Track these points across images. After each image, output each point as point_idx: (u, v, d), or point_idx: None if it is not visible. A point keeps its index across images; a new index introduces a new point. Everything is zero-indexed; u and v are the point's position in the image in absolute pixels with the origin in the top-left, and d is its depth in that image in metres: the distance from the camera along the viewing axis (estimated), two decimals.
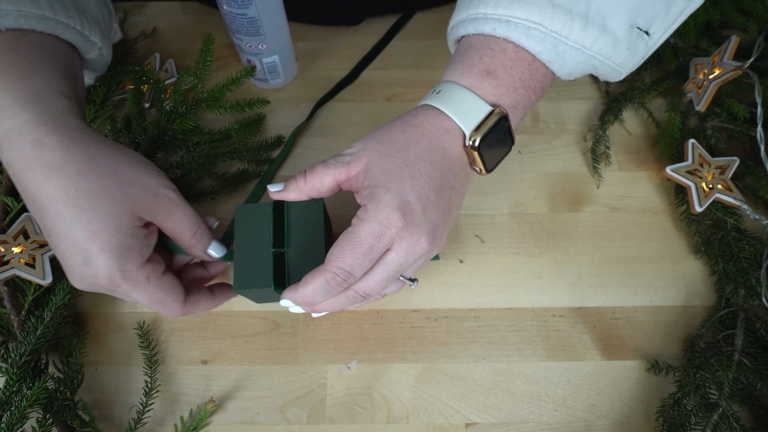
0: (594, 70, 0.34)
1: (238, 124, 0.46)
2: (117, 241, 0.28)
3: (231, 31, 0.44)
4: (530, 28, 0.30)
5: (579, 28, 0.30)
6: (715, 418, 0.35)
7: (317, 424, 0.36)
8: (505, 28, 0.31)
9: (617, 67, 0.33)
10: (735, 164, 0.43)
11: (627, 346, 0.39)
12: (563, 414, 0.37)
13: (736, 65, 0.43)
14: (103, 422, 0.36)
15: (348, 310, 0.40)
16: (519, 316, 0.40)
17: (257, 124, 0.47)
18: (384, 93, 0.50)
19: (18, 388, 0.34)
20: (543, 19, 0.30)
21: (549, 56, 0.31)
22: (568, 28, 0.30)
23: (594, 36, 0.30)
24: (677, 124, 0.46)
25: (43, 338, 0.35)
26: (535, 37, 0.31)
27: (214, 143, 0.44)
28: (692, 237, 0.43)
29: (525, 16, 0.30)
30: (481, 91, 0.32)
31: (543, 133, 0.48)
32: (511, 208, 0.44)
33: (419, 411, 0.37)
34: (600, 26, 0.30)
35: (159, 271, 0.31)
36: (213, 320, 0.40)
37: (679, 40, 0.50)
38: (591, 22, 0.30)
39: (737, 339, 0.37)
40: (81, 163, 0.28)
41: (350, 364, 0.38)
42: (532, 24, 0.30)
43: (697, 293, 0.41)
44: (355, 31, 0.55)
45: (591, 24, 0.30)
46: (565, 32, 0.30)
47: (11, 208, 0.40)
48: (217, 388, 0.38)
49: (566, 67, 0.32)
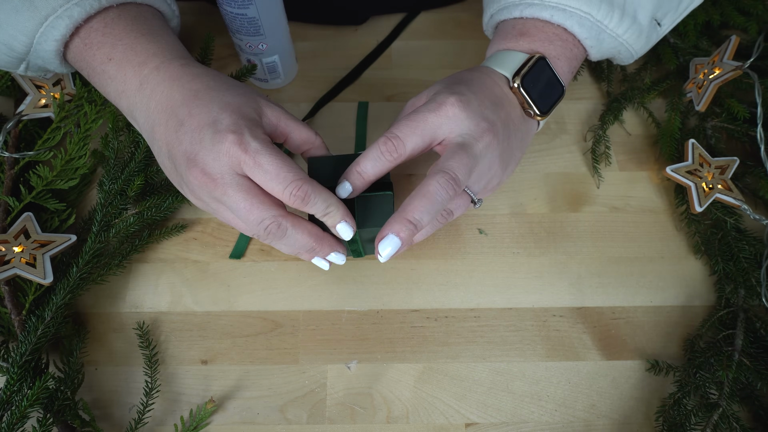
0: (616, 54, 0.39)
1: None
2: (246, 113, 0.30)
3: (231, 31, 0.44)
4: (582, 17, 0.35)
5: (617, 18, 0.35)
6: (715, 418, 0.35)
7: (317, 424, 0.36)
8: (561, 16, 0.35)
9: (634, 53, 0.38)
10: (735, 164, 0.43)
11: (627, 346, 0.39)
12: (563, 414, 0.37)
13: (736, 65, 0.43)
14: (103, 422, 0.36)
15: (348, 310, 0.40)
16: (519, 316, 0.40)
17: None
18: (384, 93, 0.50)
19: (18, 387, 0.34)
20: (591, 9, 0.35)
21: (591, 41, 0.36)
22: (609, 18, 0.35)
23: (626, 26, 0.36)
24: (677, 124, 0.46)
25: (43, 338, 0.35)
26: (585, 26, 0.35)
27: None
28: (692, 237, 0.43)
29: (578, 5, 0.35)
30: (516, 47, 0.36)
31: (543, 133, 0.48)
32: (511, 208, 0.44)
33: (419, 411, 0.37)
34: (632, 18, 0.35)
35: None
36: (213, 320, 0.40)
37: (679, 40, 0.50)
38: (626, 14, 0.35)
39: (737, 339, 0.37)
40: (219, 76, 0.33)
41: (350, 364, 0.38)
42: (583, 13, 0.35)
43: (697, 293, 0.41)
44: (356, 31, 0.55)
45: (626, 16, 0.35)
46: (606, 21, 0.35)
47: (12, 208, 0.40)
48: (217, 388, 0.38)
49: (600, 52, 0.38)
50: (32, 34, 0.32)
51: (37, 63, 0.35)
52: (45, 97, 0.44)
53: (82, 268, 0.38)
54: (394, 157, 0.31)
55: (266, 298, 0.41)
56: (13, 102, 0.47)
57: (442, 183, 0.30)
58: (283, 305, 0.40)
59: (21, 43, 0.33)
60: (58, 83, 0.45)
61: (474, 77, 0.34)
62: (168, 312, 0.40)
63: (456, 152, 0.31)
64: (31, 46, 0.33)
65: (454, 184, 0.30)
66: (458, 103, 0.31)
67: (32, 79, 0.44)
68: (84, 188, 0.44)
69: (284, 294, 0.41)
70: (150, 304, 0.40)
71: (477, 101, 0.32)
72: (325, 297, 0.41)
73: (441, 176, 0.30)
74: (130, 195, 0.41)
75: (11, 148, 0.43)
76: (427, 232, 0.35)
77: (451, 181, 0.30)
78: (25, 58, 0.34)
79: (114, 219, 0.41)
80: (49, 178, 0.41)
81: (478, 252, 0.42)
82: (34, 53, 0.34)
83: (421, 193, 0.30)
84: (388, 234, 0.30)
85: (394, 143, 0.31)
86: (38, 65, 0.35)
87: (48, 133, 0.43)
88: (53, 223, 0.41)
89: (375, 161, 0.31)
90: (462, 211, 0.35)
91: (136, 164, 0.42)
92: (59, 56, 0.34)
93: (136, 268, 0.42)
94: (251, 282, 0.41)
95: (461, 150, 0.31)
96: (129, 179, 0.41)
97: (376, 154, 0.31)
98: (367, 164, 0.31)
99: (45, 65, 0.35)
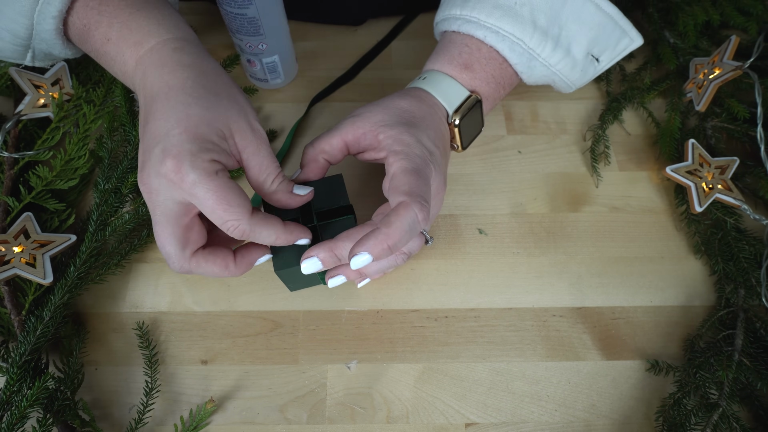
0: (552, 83, 0.41)
1: None
2: (202, 133, 0.28)
3: (231, 31, 0.44)
4: (514, 42, 0.36)
5: (550, 48, 0.37)
6: (715, 418, 0.35)
7: (317, 424, 0.36)
8: (494, 38, 0.37)
9: (570, 84, 0.40)
10: (735, 164, 0.43)
11: (627, 346, 0.39)
12: (563, 414, 0.37)
13: (736, 65, 0.43)
14: (103, 422, 0.36)
15: (348, 310, 0.40)
16: (519, 316, 0.40)
17: None
18: (384, 93, 0.50)
19: (18, 387, 0.34)
20: (524, 36, 0.36)
21: (522, 67, 0.38)
22: (541, 47, 0.37)
23: (559, 57, 0.37)
24: (677, 124, 0.46)
25: (43, 338, 0.35)
26: (515, 51, 0.37)
27: None
28: (692, 237, 0.43)
29: (511, 30, 0.36)
30: (460, 79, 0.38)
31: (543, 133, 0.48)
32: (511, 208, 0.44)
33: (419, 411, 0.37)
34: (565, 50, 0.37)
35: (227, 175, 0.29)
36: (213, 320, 0.40)
37: (679, 40, 0.50)
38: (559, 46, 0.37)
39: (737, 339, 0.37)
40: (207, 68, 0.31)
41: (350, 364, 0.38)
42: (516, 39, 0.36)
43: (697, 293, 0.41)
44: (356, 32, 0.55)
45: (559, 47, 0.37)
46: (538, 50, 0.37)
47: (12, 208, 0.40)
48: (217, 388, 0.38)
49: (532, 78, 0.39)
50: (30, 13, 0.32)
51: (42, 48, 0.35)
52: (43, 97, 0.44)
53: (80, 267, 0.38)
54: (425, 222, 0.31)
55: (266, 298, 0.41)
56: (13, 102, 0.47)
57: (424, 215, 0.29)
58: (283, 305, 0.40)
59: (22, 25, 0.32)
60: (57, 83, 0.45)
61: (425, 115, 0.35)
62: (168, 312, 0.40)
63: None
64: (32, 29, 0.33)
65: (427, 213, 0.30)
66: (434, 161, 0.33)
67: (30, 78, 0.44)
68: (83, 188, 0.44)
69: (284, 294, 0.41)
70: (150, 304, 0.40)
71: (438, 151, 0.34)
72: (325, 297, 0.41)
73: (424, 209, 0.29)
74: (125, 192, 0.41)
75: (11, 148, 0.43)
76: (380, 269, 0.35)
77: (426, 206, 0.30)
78: (29, 44, 0.34)
79: (110, 217, 0.41)
80: (48, 179, 0.41)
81: (478, 252, 0.42)
82: (36, 36, 0.33)
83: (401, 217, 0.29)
84: (362, 252, 0.28)
85: (426, 207, 0.30)
86: (43, 51, 0.35)
87: (47, 133, 0.43)
88: (53, 223, 0.41)
89: (414, 232, 0.30)
90: (417, 249, 0.36)
91: (129, 162, 0.42)
92: (60, 36, 0.33)
93: (136, 268, 0.42)
94: (251, 282, 0.41)
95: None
96: (123, 177, 0.42)
97: (414, 223, 0.29)
98: (405, 239, 0.29)
99: (49, 50, 0.35)
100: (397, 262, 0.35)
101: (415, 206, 0.29)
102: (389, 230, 0.28)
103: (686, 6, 0.51)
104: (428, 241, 0.35)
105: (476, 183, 0.45)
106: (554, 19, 0.36)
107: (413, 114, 0.35)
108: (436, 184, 0.34)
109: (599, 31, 0.37)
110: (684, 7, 0.51)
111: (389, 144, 0.32)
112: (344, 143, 0.34)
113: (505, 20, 0.36)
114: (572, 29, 0.37)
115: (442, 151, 0.35)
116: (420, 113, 0.35)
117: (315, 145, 0.34)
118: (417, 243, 0.35)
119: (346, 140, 0.34)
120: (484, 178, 0.46)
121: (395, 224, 0.28)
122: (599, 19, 0.37)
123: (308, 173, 0.35)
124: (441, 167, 0.34)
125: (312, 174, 0.35)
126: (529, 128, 0.49)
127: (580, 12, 0.36)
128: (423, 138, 0.33)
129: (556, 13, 0.36)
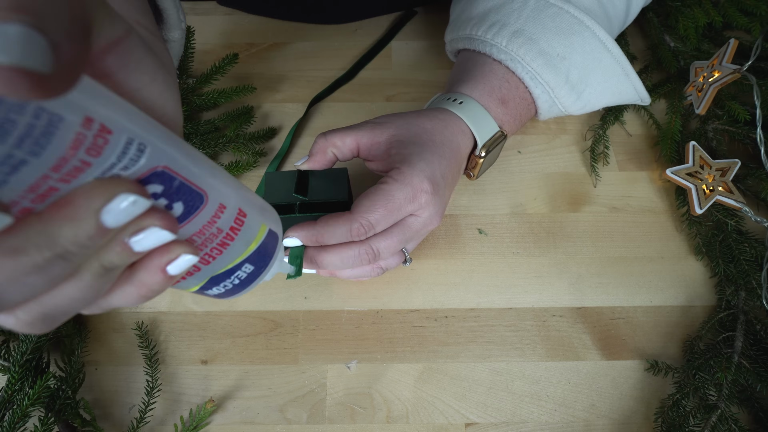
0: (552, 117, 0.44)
1: (227, 115, 0.47)
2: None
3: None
4: (545, 90, 0.39)
5: (572, 100, 0.40)
6: (714, 420, 0.35)
7: (317, 424, 0.36)
8: (531, 82, 0.38)
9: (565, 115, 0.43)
10: (736, 166, 0.43)
11: (627, 346, 0.39)
12: (563, 414, 0.37)
13: (735, 68, 0.43)
14: (104, 421, 0.37)
15: (348, 310, 0.40)
16: (519, 316, 0.40)
17: (247, 116, 0.47)
18: (384, 93, 0.50)
19: (20, 386, 0.34)
20: (556, 86, 0.38)
21: (542, 110, 0.41)
22: (566, 98, 0.39)
23: (578, 107, 0.41)
24: (677, 126, 0.46)
25: (44, 337, 0.36)
26: (543, 97, 0.39)
27: (207, 135, 0.46)
28: (693, 238, 0.43)
29: (548, 80, 0.38)
30: (494, 113, 0.38)
31: (543, 133, 0.48)
32: (511, 208, 0.44)
33: (419, 411, 0.37)
34: (585, 102, 0.40)
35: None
36: (213, 320, 0.40)
37: (679, 43, 0.50)
38: (580, 99, 0.40)
39: (737, 341, 0.37)
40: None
41: (350, 364, 0.38)
42: (548, 88, 0.38)
43: (697, 294, 0.41)
44: (355, 32, 0.55)
45: (580, 100, 0.40)
46: (563, 100, 0.39)
47: None
48: (217, 388, 0.38)
49: (543, 117, 0.42)
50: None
51: None
52: None
53: None
54: (360, 239, 0.31)
55: (266, 298, 0.41)
56: None
57: (360, 232, 0.31)
58: (283, 305, 0.40)
59: None
60: None
61: (447, 140, 0.35)
62: (168, 312, 0.40)
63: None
64: None
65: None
66: (431, 193, 0.32)
67: None
68: None
69: (284, 294, 0.41)
70: (150, 303, 0.40)
71: (443, 189, 0.34)
72: (325, 297, 0.41)
73: (361, 228, 0.31)
74: None
75: None
76: (353, 274, 0.35)
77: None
78: None
79: None
80: None
81: (478, 252, 0.42)
82: None
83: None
84: (296, 232, 0.31)
85: (366, 229, 0.31)
86: None
87: None
88: None
89: (340, 238, 0.31)
90: (394, 266, 0.36)
91: None
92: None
93: None
94: None
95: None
96: None
97: (343, 232, 0.31)
98: (331, 239, 0.31)
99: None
100: (372, 273, 0.35)
101: (354, 224, 0.30)
102: (322, 229, 0.31)
103: (686, 9, 0.51)
104: (407, 261, 0.36)
105: (476, 183, 0.45)
106: (584, 78, 0.39)
107: (433, 137, 0.34)
108: (428, 215, 0.33)
109: (620, 96, 0.41)
110: (684, 10, 0.51)
111: (395, 162, 0.32)
112: (357, 145, 0.34)
113: (546, 69, 0.37)
114: (597, 90, 0.39)
115: (449, 181, 0.35)
116: (440, 138, 0.35)
117: (328, 137, 0.34)
118: (395, 260, 0.35)
119: (359, 143, 0.34)
120: (483, 178, 0.46)
121: (330, 226, 0.31)
122: (624, 88, 0.40)
123: (314, 162, 0.35)
124: (442, 198, 0.34)
125: (317, 164, 0.35)
126: (529, 128, 0.49)
127: (609, 77, 0.39)
128: (435, 163, 0.33)
129: (588, 73, 0.39)
